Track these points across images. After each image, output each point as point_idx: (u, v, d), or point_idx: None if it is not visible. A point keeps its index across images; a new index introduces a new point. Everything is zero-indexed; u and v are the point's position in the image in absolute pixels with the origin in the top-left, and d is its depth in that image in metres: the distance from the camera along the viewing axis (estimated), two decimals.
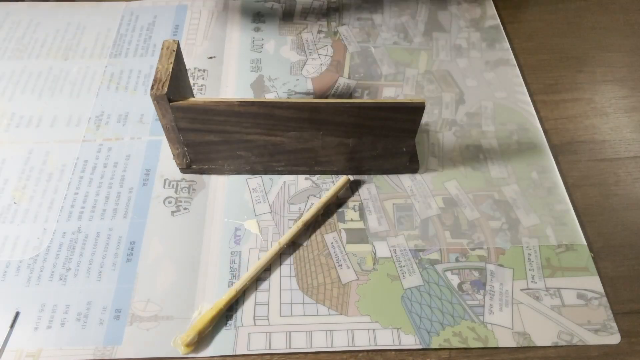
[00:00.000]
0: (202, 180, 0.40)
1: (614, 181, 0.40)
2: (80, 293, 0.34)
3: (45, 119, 0.43)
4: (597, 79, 0.47)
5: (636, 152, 0.42)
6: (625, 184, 0.40)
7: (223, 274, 0.35)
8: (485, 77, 0.47)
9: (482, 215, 0.38)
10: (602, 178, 0.40)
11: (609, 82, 0.47)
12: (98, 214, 0.38)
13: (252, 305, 0.33)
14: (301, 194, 0.39)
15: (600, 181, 0.40)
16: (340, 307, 0.33)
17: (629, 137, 0.43)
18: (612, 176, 0.40)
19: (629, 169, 0.41)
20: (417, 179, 0.40)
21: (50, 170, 0.40)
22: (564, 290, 0.35)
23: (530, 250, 0.36)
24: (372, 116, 0.35)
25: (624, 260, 0.36)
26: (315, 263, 0.35)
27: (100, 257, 0.36)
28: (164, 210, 0.38)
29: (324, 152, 0.38)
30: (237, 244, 0.36)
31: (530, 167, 0.41)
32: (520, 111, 0.45)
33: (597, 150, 0.42)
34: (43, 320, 0.33)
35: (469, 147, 0.42)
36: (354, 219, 0.38)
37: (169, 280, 0.35)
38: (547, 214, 0.38)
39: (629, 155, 0.42)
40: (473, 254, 0.36)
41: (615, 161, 0.41)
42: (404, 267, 0.35)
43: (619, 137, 0.43)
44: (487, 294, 0.34)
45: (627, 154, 0.42)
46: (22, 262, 0.35)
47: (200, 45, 0.49)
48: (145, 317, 0.33)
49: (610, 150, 0.42)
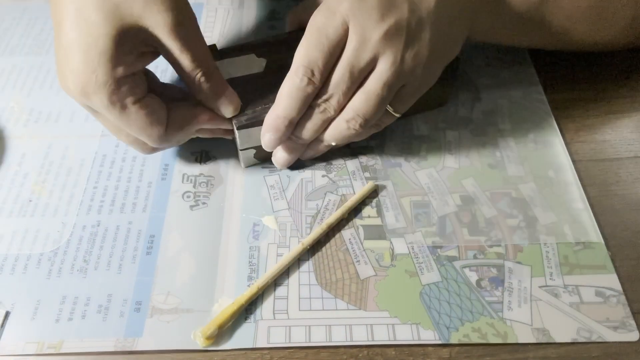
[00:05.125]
0: (219, 175, 0.40)
1: (614, 181, 0.40)
2: (100, 286, 0.34)
3: (63, 114, 0.44)
4: (597, 78, 0.48)
5: (637, 152, 0.42)
6: (625, 184, 0.40)
7: (242, 269, 0.35)
8: (502, 76, 0.47)
9: (499, 213, 0.38)
10: (602, 178, 0.41)
11: (610, 82, 0.47)
12: (117, 208, 0.38)
13: (272, 300, 0.34)
14: (318, 190, 0.39)
15: (601, 181, 0.40)
16: (359, 302, 0.34)
17: (629, 137, 0.43)
18: (612, 176, 0.41)
19: (630, 169, 0.41)
20: (433, 176, 0.40)
21: (69, 164, 0.41)
22: (582, 288, 0.35)
23: (547, 247, 0.36)
24: None
25: (625, 260, 0.36)
26: (334, 259, 0.36)
27: (120, 250, 0.36)
28: (182, 205, 0.38)
29: None
30: (256, 239, 0.36)
31: (547, 166, 0.41)
32: (536, 110, 0.45)
33: (598, 150, 0.42)
34: (64, 312, 0.33)
35: (486, 145, 0.42)
36: (372, 215, 0.38)
37: (189, 274, 0.35)
38: (564, 212, 0.38)
39: (630, 155, 0.42)
40: (491, 251, 0.36)
41: (615, 161, 0.42)
42: (422, 264, 0.35)
43: (620, 137, 0.43)
44: (505, 291, 0.34)
45: (628, 154, 0.42)
46: (42, 255, 0.36)
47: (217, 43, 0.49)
48: (166, 309, 0.33)
49: (611, 150, 0.42)
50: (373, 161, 0.41)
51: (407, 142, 0.42)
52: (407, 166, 0.41)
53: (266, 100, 0.37)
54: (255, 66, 0.39)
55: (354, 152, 0.42)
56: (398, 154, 0.42)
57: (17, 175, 0.40)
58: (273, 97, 0.37)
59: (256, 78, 0.39)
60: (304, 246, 0.35)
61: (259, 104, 0.37)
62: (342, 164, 0.41)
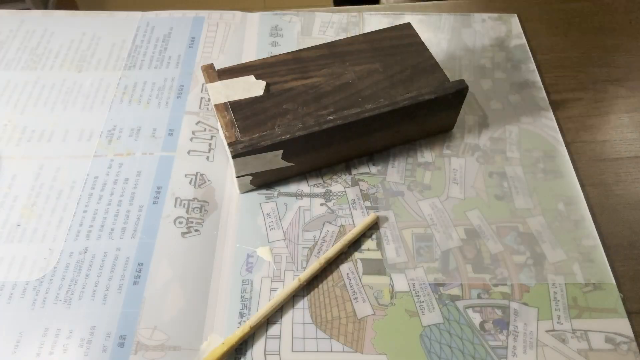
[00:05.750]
0: (214, 200, 0.39)
1: (614, 181, 0.40)
2: (84, 317, 0.33)
3: (57, 133, 0.42)
4: (598, 79, 0.47)
5: (637, 152, 0.42)
6: (625, 184, 0.40)
7: (233, 304, 0.33)
8: (510, 100, 0.45)
9: (505, 249, 0.36)
10: (603, 178, 0.40)
11: (610, 82, 0.47)
12: (106, 233, 0.37)
13: (264, 339, 0.32)
14: (316, 220, 0.38)
15: (601, 181, 0.40)
16: (356, 343, 0.32)
17: (629, 137, 0.43)
18: (612, 176, 0.40)
19: (630, 169, 0.41)
20: (437, 206, 0.38)
21: (60, 186, 0.39)
22: (591, 333, 0.33)
23: (556, 288, 0.34)
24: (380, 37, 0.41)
25: (625, 260, 0.36)
26: (330, 295, 0.34)
27: (106, 278, 0.35)
28: (174, 231, 0.37)
29: (362, 84, 0.39)
30: (249, 272, 0.35)
31: (557, 198, 0.39)
32: (546, 137, 0.43)
33: (598, 150, 0.42)
34: (46, 346, 0.32)
35: (492, 175, 0.40)
36: (371, 248, 0.36)
37: (177, 307, 0.33)
38: (574, 249, 0.36)
39: (630, 155, 0.42)
40: (496, 290, 0.34)
41: (615, 161, 0.41)
42: (423, 303, 0.34)
43: (620, 137, 0.43)
44: (510, 335, 0.32)
45: (628, 154, 0.42)
46: (28, 283, 0.34)
47: (217, 59, 0.48)
48: (151, 346, 0.32)
49: (611, 150, 0.42)
50: (374, 189, 0.39)
51: (410, 169, 0.41)
52: (410, 195, 0.39)
53: (264, 127, 0.36)
54: (254, 89, 0.38)
55: (354, 178, 0.40)
56: (400, 182, 0.40)
57: (7, 198, 0.39)
58: (270, 123, 0.36)
59: (254, 102, 0.37)
60: (300, 282, 0.33)
61: (256, 131, 0.36)
62: (341, 191, 0.39)
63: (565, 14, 0.53)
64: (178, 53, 0.49)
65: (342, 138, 0.38)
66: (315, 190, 0.39)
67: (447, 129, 0.43)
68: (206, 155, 0.41)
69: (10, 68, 0.47)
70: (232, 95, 0.38)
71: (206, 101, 0.45)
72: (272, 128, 0.36)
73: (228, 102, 0.37)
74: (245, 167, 0.36)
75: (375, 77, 0.39)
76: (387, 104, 0.37)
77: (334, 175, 0.40)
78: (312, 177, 0.40)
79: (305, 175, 0.40)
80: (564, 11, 0.53)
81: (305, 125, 0.36)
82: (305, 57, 0.40)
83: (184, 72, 0.47)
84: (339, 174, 0.40)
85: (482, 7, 0.54)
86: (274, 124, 0.36)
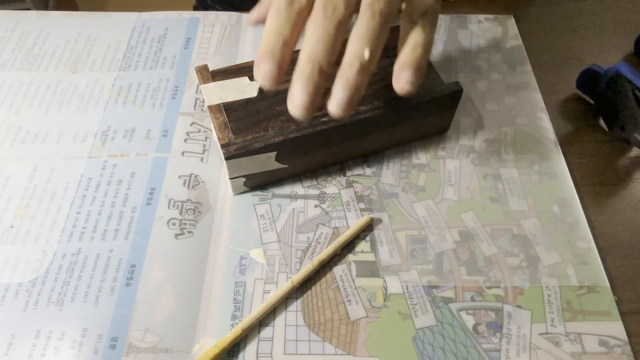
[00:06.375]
0: (208, 202, 0.38)
1: (610, 182, 0.40)
2: (76, 319, 0.33)
3: (51, 134, 0.42)
4: None
5: (633, 152, 0.42)
6: (625, 184, 0.40)
7: (226, 306, 0.33)
8: (506, 102, 0.45)
9: (499, 251, 0.36)
10: (602, 178, 0.40)
11: None
12: (99, 235, 0.37)
13: (256, 341, 0.32)
14: (310, 222, 0.37)
15: (600, 181, 0.40)
16: (348, 346, 0.32)
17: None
18: (608, 177, 0.40)
19: (629, 169, 0.41)
20: (431, 208, 0.38)
21: (54, 188, 0.39)
22: (585, 336, 0.33)
23: (550, 290, 0.34)
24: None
25: (625, 260, 0.36)
26: (323, 297, 0.34)
27: (98, 280, 0.35)
28: (167, 233, 0.37)
29: None
30: (242, 274, 0.35)
31: (552, 200, 0.39)
32: (541, 139, 0.43)
33: (598, 150, 0.42)
34: (37, 348, 0.32)
35: (487, 177, 0.40)
36: (365, 250, 0.36)
37: (170, 309, 0.33)
38: (569, 251, 0.36)
39: (627, 156, 0.42)
40: (489, 292, 0.34)
41: (615, 161, 0.41)
42: (417, 305, 0.34)
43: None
44: (503, 337, 0.32)
45: (625, 154, 0.42)
46: (21, 285, 0.34)
47: (212, 60, 0.48)
48: (143, 348, 0.32)
49: (608, 152, 0.42)
50: (369, 191, 0.39)
51: (404, 170, 0.41)
52: (404, 197, 0.39)
53: (257, 129, 0.36)
54: (248, 90, 0.38)
55: (349, 180, 0.40)
56: (395, 184, 0.40)
57: (1, 199, 0.39)
58: (264, 125, 0.36)
59: (248, 104, 0.37)
60: (293, 284, 0.33)
61: (249, 133, 0.36)
62: (336, 193, 0.39)
63: (561, 15, 0.53)
64: (173, 54, 0.48)
65: (336, 140, 0.38)
66: (309, 192, 0.39)
67: (442, 130, 0.43)
68: (200, 157, 0.41)
69: (5, 69, 0.47)
70: (225, 96, 0.37)
71: (201, 102, 0.45)
72: (266, 130, 0.36)
73: (222, 103, 0.37)
74: (238, 168, 0.36)
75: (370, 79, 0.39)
76: (381, 106, 0.37)
77: (328, 177, 0.40)
78: (307, 178, 0.40)
79: (300, 177, 0.40)
80: (560, 12, 0.53)
81: (298, 127, 0.36)
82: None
83: (179, 73, 0.47)
84: (333, 176, 0.40)
85: (478, 8, 0.54)
86: (267, 126, 0.36)
